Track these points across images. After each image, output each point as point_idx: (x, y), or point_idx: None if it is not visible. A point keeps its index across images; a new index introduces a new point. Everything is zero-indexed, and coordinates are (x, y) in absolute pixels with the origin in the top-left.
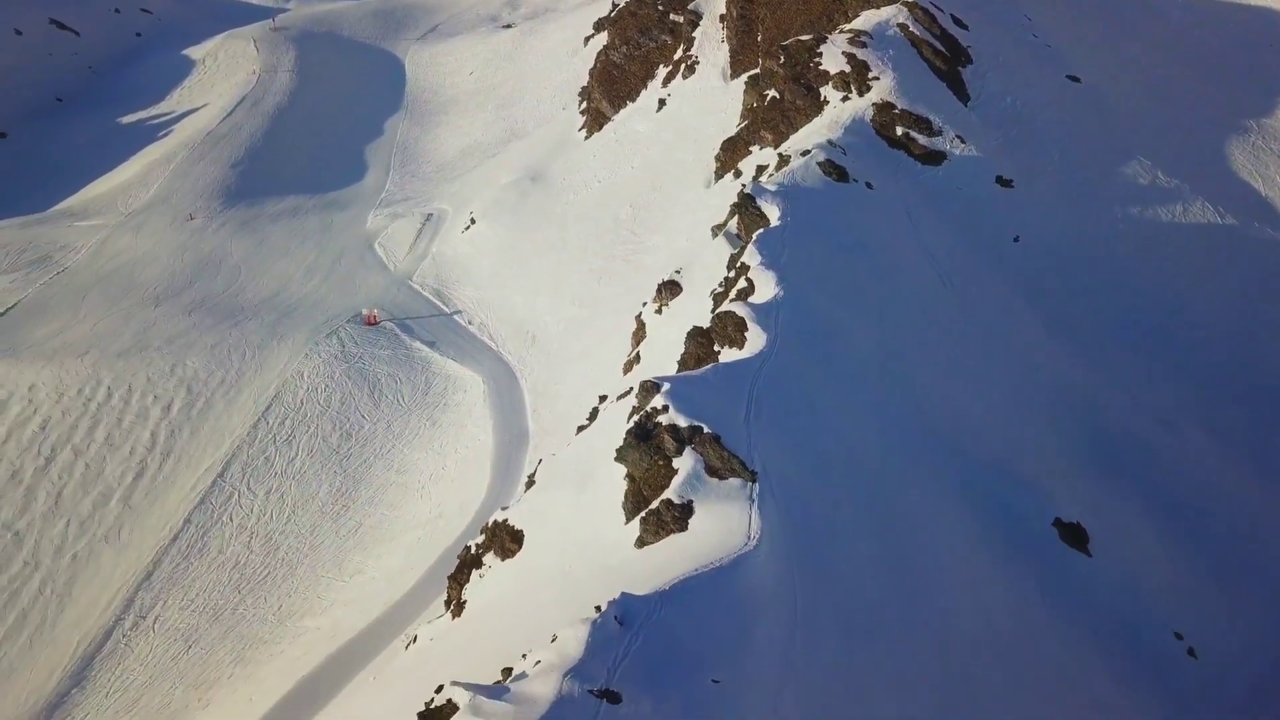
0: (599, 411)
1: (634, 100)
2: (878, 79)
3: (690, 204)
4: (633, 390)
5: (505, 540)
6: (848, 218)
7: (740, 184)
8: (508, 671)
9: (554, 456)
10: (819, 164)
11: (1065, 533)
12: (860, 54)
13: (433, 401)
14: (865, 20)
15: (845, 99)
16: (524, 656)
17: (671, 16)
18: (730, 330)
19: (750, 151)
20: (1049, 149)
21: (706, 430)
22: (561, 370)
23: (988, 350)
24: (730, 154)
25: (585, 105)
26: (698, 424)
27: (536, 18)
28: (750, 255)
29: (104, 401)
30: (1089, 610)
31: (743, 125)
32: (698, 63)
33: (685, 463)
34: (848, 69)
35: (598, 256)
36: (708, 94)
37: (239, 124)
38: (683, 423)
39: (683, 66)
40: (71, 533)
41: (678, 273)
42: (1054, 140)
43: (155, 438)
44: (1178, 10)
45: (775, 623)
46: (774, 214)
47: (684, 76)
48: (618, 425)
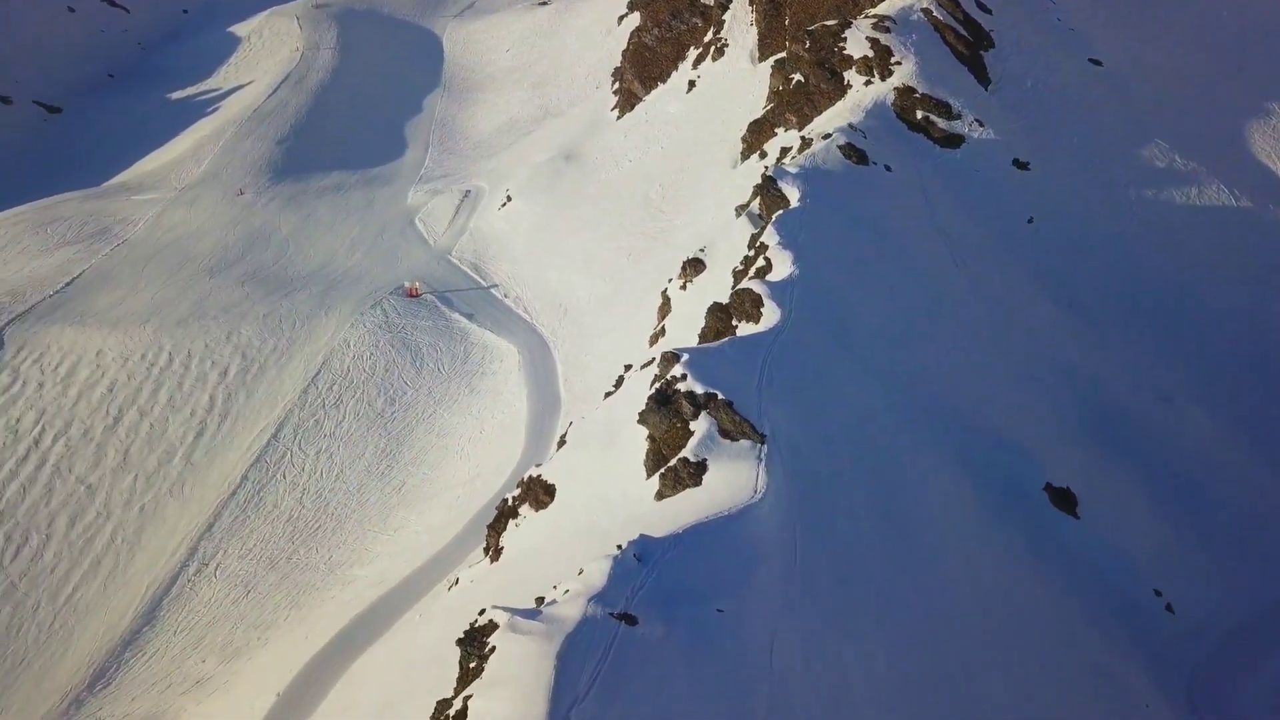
0: (624, 379)
1: (665, 81)
2: (900, 63)
3: (716, 184)
4: (655, 360)
5: (539, 493)
6: (865, 200)
7: (764, 165)
8: (540, 600)
9: (583, 419)
10: (839, 147)
11: (1055, 497)
12: (884, 39)
13: (471, 370)
14: (890, 4)
15: (868, 83)
16: (555, 587)
17: (702, 0)
18: (747, 306)
19: (775, 133)
20: (1067, 132)
21: (721, 397)
22: (592, 342)
23: (995, 328)
24: (756, 136)
25: (618, 85)
26: (713, 391)
27: None
28: (769, 235)
29: (165, 366)
30: (1073, 567)
31: (768, 108)
32: (727, 45)
33: (701, 425)
34: (871, 54)
35: (627, 234)
36: (736, 76)
37: (284, 101)
38: (699, 390)
39: (712, 49)
40: (139, 486)
41: (702, 251)
42: (1073, 123)
43: (214, 400)
44: None
45: (775, 565)
46: (794, 195)
47: (713, 59)
48: (641, 391)
